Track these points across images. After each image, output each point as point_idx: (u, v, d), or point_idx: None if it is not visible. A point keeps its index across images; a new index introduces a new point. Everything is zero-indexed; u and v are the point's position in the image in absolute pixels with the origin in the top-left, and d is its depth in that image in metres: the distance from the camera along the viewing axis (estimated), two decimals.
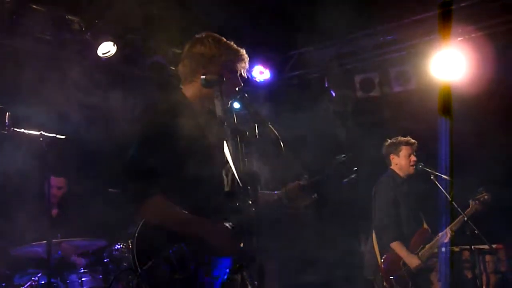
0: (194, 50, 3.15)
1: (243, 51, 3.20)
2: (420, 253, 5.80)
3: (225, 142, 3.18)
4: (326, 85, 8.27)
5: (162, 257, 2.78)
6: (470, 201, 5.89)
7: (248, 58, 3.21)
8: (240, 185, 3.10)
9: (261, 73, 8.16)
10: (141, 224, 2.88)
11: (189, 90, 3.18)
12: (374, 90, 8.01)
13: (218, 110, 2.87)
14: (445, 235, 5.84)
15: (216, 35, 3.20)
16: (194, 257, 2.83)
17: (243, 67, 3.19)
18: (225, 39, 3.19)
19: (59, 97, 6.13)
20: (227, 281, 2.94)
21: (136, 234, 2.86)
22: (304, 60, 8.31)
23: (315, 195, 3.29)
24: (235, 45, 3.19)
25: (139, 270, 2.77)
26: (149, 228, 2.88)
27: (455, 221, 5.83)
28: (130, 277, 4.95)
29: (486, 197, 5.90)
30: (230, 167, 3.13)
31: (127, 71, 7.09)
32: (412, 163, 5.99)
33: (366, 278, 6.14)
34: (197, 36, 3.20)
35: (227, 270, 2.92)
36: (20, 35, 6.16)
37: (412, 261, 5.74)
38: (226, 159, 3.14)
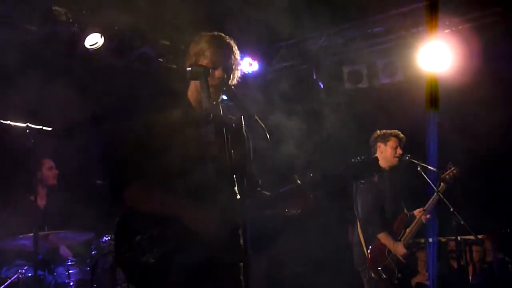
0: (190, 50, 3.21)
1: (230, 42, 3.19)
2: (402, 239, 5.86)
3: (211, 134, 3.18)
4: (314, 77, 8.28)
5: (133, 243, 2.87)
6: (441, 178, 5.93)
7: (235, 50, 3.20)
8: (225, 178, 3.12)
9: (249, 65, 8.15)
10: (121, 214, 3.01)
11: (190, 89, 3.26)
12: (362, 82, 8.03)
13: (204, 102, 2.87)
14: (424, 216, 5.90)
15: (212, 33, 3.22)
16: (165, 242, 2.88)
17: (229, 58, 3.17)
18: (216, 33, 3.21)
19: (46, 88, 6.11)
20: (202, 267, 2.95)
21: (120, 219, 3.01)
22: (292, 52, 8.30)
23: (312, 196, 3.25)
24: (225, 38, 3.19)
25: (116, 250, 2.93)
26: (127, 216, 3.01)
27: (430, 200, 5.88)
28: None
29: (454, 171, 5.91)
30: (215, 160, 3.13)
31: (114, 62, 7.04)
32: (397, 155, 6.02)
33: (356, 270, 6.18)
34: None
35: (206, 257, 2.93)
36: (6, 26, 6.10)
37: (398, 249, 5.79)
38: (211, 152, 3.15)
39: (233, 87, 3.06)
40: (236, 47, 3.23)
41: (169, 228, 2.90)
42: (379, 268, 5.77)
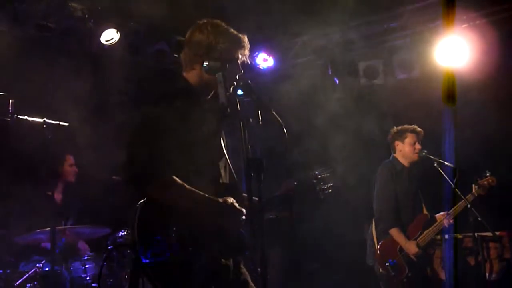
0: (193, 38, 3.14)
1: (244, 37, 3.17)
2: (418, 239, 5.81)
3: (223, 132, 3.19)
4: (330, 73, 8.24)
5: (161, 240, 2.81)
6: (473, 185, 5.87)
7: (248, 45, 3.18)
8: (234, 176, 3.14)
9: (265, 60, 8.13)
10: (140, 208, 2.88)
11: (191, 77, 3.17)
12: (378, 78, 7.98)
13: (221, 97, 2.86)
14: (446, 220, 5.84)
15: (216, 21, 3.17)
16: (194, 240, 2.84)
17: (243, 54, 3.17)
18: (225, 25, 3.17)
19: (62, 84, 6.15)
20: (217, 266, 2.95)
21: (137, 218, 2.86)
22: (308, 47, 8.27)
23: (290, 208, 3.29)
24: (234, 32, 3.16)
25: (138, 248, 2.79)
26: (149, 212, 2.88)
27: (456, 206, 5.82)
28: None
29: (490, 180, 5.85)
30: (227, 158, 3.14)
31: (130, 58, 7.06)
32: (416, 150, 5.99)
33: (368, 265, 6.16)
34: (197, 23, 3.18)
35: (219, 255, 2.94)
36: (22, 22, 6.14)
37: (410, 247, 5.76)
38: (223, 150, 3.15)
39: (249, 81, 3.04)
40: (246, 41, 3.20)
41: (190, 226, 2.86)
42: (387, 264, 5.73)
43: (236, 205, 2.96)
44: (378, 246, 5.86)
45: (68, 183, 6.19)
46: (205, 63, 2.95)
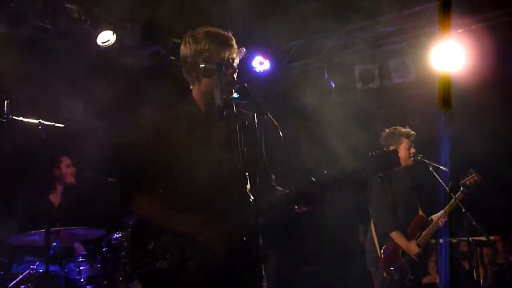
0: (181, 54, 3.17)
1: (227, 36, 3.13)
2: (418, 240, 5.83)
3: (224, 133, 3.17)
4: (326, 76, 8.25)
5: (147, 250, 2.88)
6: (460, 184, 5.89)
7: (233, 44, 3.13)
8: (238, 177, 3.10)
9: (261, 64, 8.14)
10: (136, 218, 3.05)
11: (194, 91, 3.20)
12: (374, 82, 7.99)
13: (218, 99, 2.86)
14: (441, 220, 5.86)
15: (199, 29, 3.14)
16: (178, 249, 2.88)
17: (232, 53, 3.11)
18: (204, 30, 3.13)
19: (58, 85, 6.14)
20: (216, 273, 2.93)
21: (133, 226, 3.07)
22: (304, 51, 8.29)
23: (328, 193, 3.21)
24: (217, 32, 3.13)
25: (130, 261, 2.92)
26: (140, 221, 3.04)
27: (447, 205, 5.84)
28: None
29: (475, 178, 5.85)
30: (228, 159, 3.12)
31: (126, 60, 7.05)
32: (411, 155, 6.01)
33: (368, 270, 6.15)
34: (189, 32, 3.16)
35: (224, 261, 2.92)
36: (19, 23, 6.13)
37: (412, 248, 5.77)
38: (224, 152, 3.13)
39: (245, 84, 3.02)
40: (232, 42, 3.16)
41: (181, 235, 2.89)
42: (392, 268, 5.74)
43: (220, 229, 2.92)
44: (382, 251, 5.85)
45: (68, 184, 6.15)
46: (201, 66, 2.94)
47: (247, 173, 2.86)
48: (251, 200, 2.85)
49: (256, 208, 2.83)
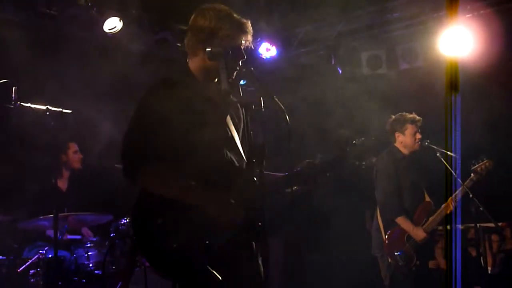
0: (195, 24, 3.12)
1: (247, 23, 3.14)
2: (424, 226, 5.83)
3: (228, 116, 3.17)
4: (333, 62, 8.22)
5: (156, 225, 2.81)
6: (471, 170, 5.87)
7: (251, 30, 3.15)
8: (244, 160, 3.11)
9: (267, 50, 8.11)
10: (138, 197, 2.91)
11: (194, 63, 3.16)
12: (381, 68, 7.96)
13: (224, 83, 2.86)
14: (448, 206, 5.85)
15: (220, 6, 3.15)
16: (191, 226, 2.82)
17: (246, 40, 3.14)
18: (228, 10, 3.14)
19: (65, 72, 6.15)
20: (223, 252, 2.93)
21: (135, 207, 2.90)
22: (311, 37, 8.25)
23: (328, 174, 3.25)
24: (238, 17, 3.14)
25: (134, 238, 2.80)
26: (146, 197, 2.89)
27: (456, 192, 5.83)
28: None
29: (487, 164, 5.85)
30: (234, 142, 3.13)
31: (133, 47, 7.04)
32: (417, 140, 6.01)
33: (373, 256, 6.16)
34: (201, 8, 3.16)
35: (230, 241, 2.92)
36: (25, 10, 6.14)
37: (418, 233, 5.77)
38: (229, 133, 3.14)
39: (252, 68, 3.02)
40: (249, 27, 3.17)
41: (189, 210, 2.84)
42: (397, 254, 5.74)
43: (232, 202, 2.91)
44: (386, 236, 5.86)
45: (74, 170, 6.22)
46: (208, 49, 2.94)
47: (253, 158, 2.86)
48: (257, 182, 2.86)
49: (261, 191, 2.83)
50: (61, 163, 6.11)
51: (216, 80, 3.12)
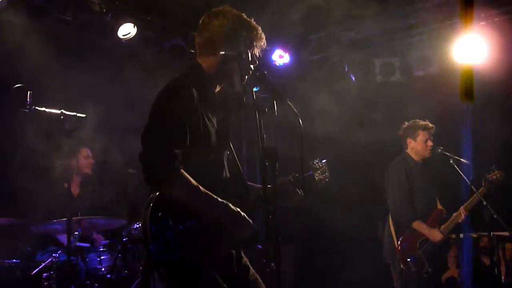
0: (215, 22, 3.10)
1: (260, 29, 3.16)
2: (441, 229, 5.79)
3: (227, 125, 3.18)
4: (346, 70, 8.22)
5: (172, 237, 2.77)
6: (483, 180, 5.84)
7: (264, 36, 3.17)
8: (241, 169, 3.14)
9: (280, 57, 8.12)
10: (152, 205, 2.79)
11: (207, 63, 3.13)
12: (395, 75, 7.94)
13: (237, 86, 2.87)
14: (460, 215, 5.82)
15: (234, 11, 3.17)
16: (204, 235, 2.83)
17: (260, 46, 3.16)
18: (243, 15, 3.16)
19: (80, 78, 6.20)
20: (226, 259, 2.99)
21: (150, 208, 2.79)
22: (324, 44, 8.25)
23: (301, 192, 3.30)
24: (252, 22, 3.16)
25: (150, 245, 2.73)
26: (161, 208, 2.80)
27: (469, 201, 5.80)
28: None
29: (498, 175, 5.83)
30: (232, 150, 3.15)
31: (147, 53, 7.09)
32: (428, 148, 5.98)
33: (385, 263, 6.13)
34: (218, 9, 3.17)
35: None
36: (40, 16, 6.20)
37: (435, 235, 5.74)
38: (229, 141, 3.15)
39: (265, 72, 3.01)
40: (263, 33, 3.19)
41: (201, 223, 2.84)
42: (409, 260, 5.71)
43: (246, 217, 2.92)
44: (399, 242, 5.83)
45: (84, 175, 6.24)
46: (222, 52, 2.95)
47: (266, 160, 2.85)
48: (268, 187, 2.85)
49: (273, 195, 2.83)
50: (72, 168, 6.09)
51: (229, 81, 3.13)
